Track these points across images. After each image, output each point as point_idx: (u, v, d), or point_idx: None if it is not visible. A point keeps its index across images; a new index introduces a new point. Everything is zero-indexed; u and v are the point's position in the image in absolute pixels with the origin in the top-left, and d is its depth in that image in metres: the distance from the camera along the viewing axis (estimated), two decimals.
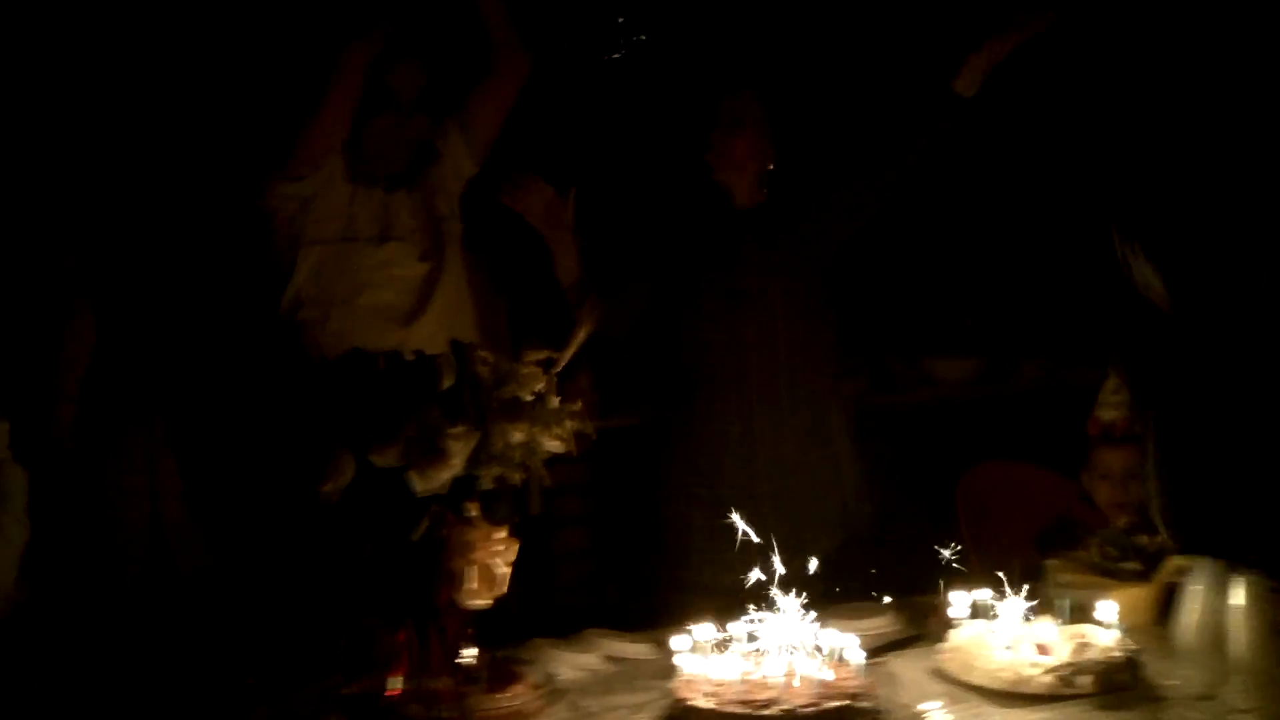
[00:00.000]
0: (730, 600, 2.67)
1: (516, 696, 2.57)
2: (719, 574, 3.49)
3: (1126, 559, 3.12)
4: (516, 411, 2.39)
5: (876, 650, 2.86)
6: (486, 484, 2.38)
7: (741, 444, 3.67)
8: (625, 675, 2.81)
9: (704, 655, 2.57)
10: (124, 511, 2.91)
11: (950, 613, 2.86)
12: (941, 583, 3.03)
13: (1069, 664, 2.65)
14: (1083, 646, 2.70)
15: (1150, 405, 2.50)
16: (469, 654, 2.42)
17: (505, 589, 2.44)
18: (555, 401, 2.48)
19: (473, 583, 2.38)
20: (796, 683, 2.47)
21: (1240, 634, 2.82)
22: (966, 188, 5.26)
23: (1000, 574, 2.95)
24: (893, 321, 5.13)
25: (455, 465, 2.32)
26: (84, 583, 2.73)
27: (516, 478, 2.40)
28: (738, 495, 3.61)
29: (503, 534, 2.41)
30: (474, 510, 2.36)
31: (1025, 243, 5.32)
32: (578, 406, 2.51)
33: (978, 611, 2.86)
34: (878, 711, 2.50)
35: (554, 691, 2.68)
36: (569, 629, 2.99)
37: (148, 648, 2.67)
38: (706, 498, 3.64)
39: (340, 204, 3.51)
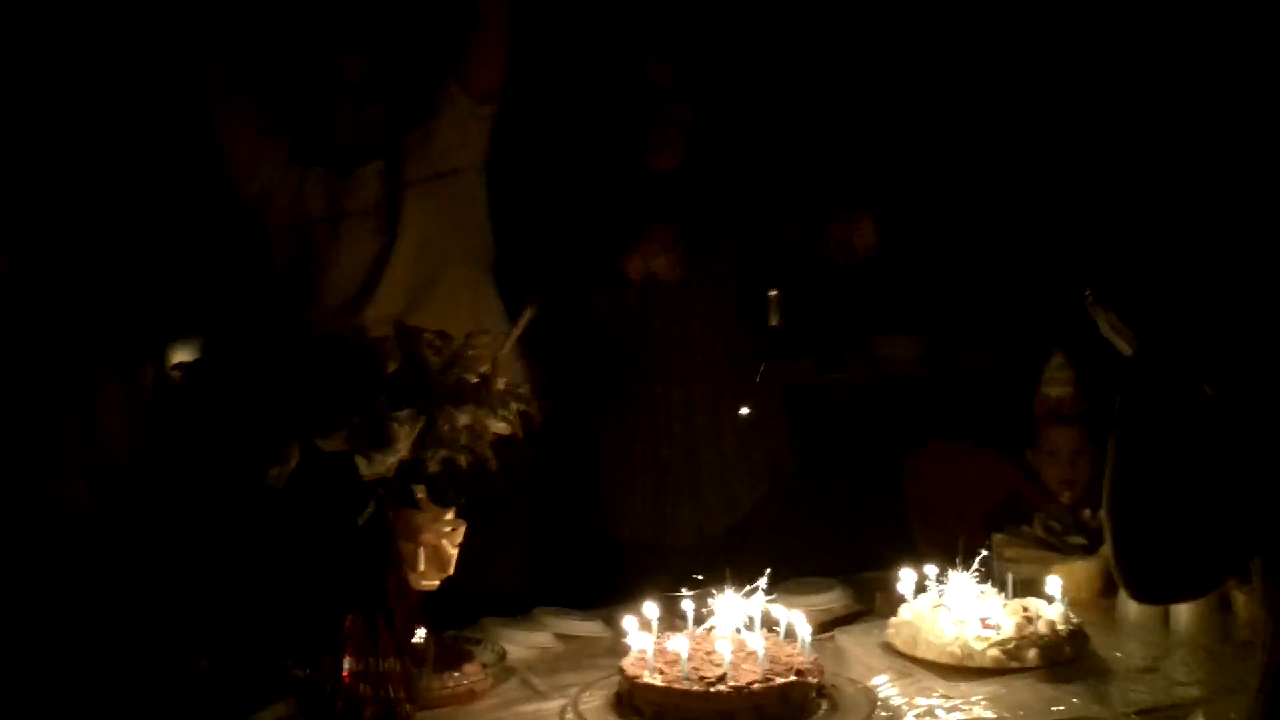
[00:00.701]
0: (673, 561, 2.69)
1: (466, 676, 2.59)
2: (659, 534, 3.57)
3: (1071, 534, 3.15)
4: (462, 395, 2.39)
5: (824, 626, 2.88)
6: (433, 467, 2.38)
7: (680, 409, 3.68)
8: (575, 653, 2.82)
9: (653, 632, 2.58)
10: (59, 478, 2.87)
11: (897, 588, 2.88)
12: (888, 559, 3.06)
13: (1014, 638, 2.68)
14: (1028, 620, 2.73)
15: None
16: (417, 635, 2.41)
17: (452, 570, 2.44)
18: (500, 384, 2.48)
19: (421, 565, 2.38)
20: (745, 659, 2.48)
21: (1183, 608, 2.85)
22: (916, 173, 5.29)
23: (947, 550, 2.99)
24: (839, 301, 5.14)
25: (401, 449, 2.31)
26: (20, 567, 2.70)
27: (462, 460, 2.40)
28: (681, 489, 3.66)
29: (449, 515, 2.41)
30: (421, 493, 2.35)
31: (974, 225, 5.35)
32: (523, 388, 2.51)
33: (924, 587, 2.89)
34: (825, 686, 2.52)
35: (503, 670, 2.69)
36: (519, 609, 3.00)
37: (94, 630, 2.65)
38: (645, 461, 3.67)
39: (291, 192, 3.49)
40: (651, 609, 2.63)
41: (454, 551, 2.42)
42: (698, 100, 3.66)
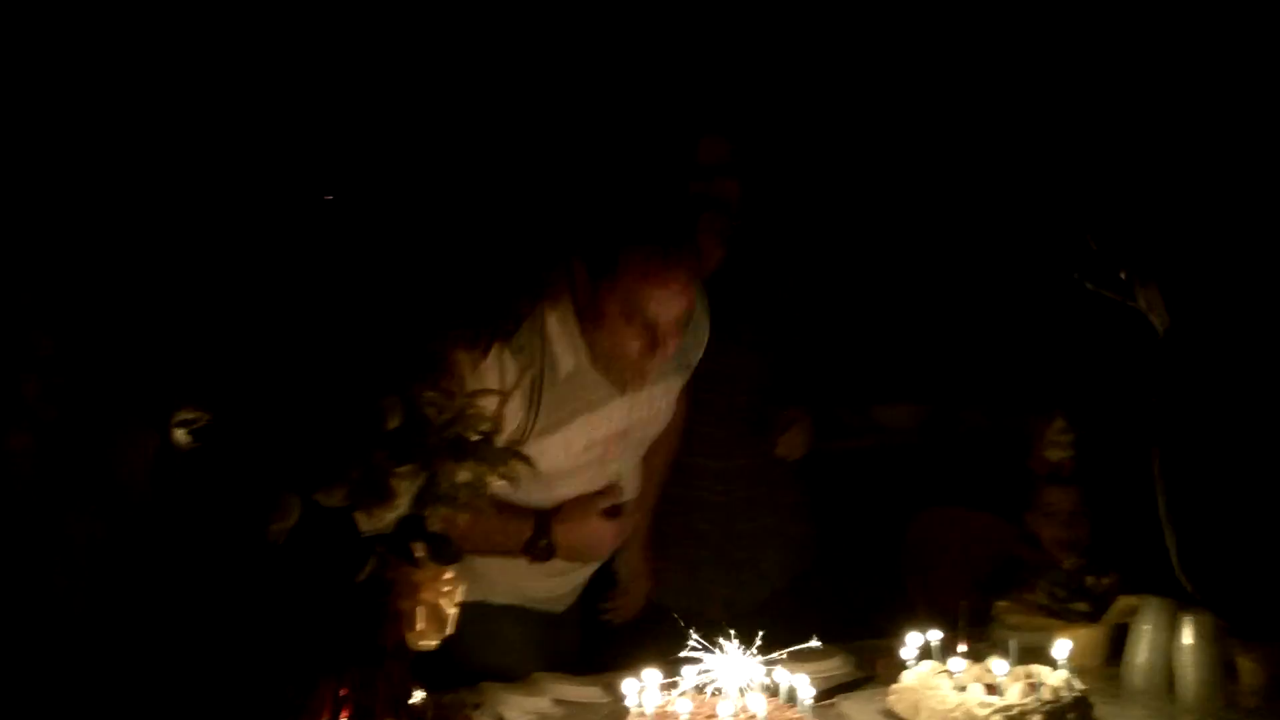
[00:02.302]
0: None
1: None
2: (689, 604, 3.47)
3: (1074, 600, 3.13)
4: (462, 451, 2.37)
5: (827, 692, 2.84)
6: (433, 524, 2.35)
7: (719, 511, 3.65)
8: (571, 713, 2.78)
9: (654, 697, 2.54)
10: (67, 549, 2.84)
11: (900, 654, 2.85)
12: (891, 625, 3.03)
13: (1018, 704, 2.64)
14: (1031, 686, 2.69)
15: (1152, 443, 2.45)
16: (415, 696, 2.38)
17: (451, 629, 2.40)
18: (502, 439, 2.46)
19: (420, 623, 2.34)
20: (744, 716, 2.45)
21: (1189, 673, 2.83)
22: (912, 238, 5.30)
23: (949, 616, 2.96)
24: (840, 370, 5.14)
25: (401, 505, 2.29)
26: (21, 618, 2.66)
27: (463, 518, 2.38)
28: (715, 563, 3.63)
29: (449, 574, 2.38)
30: (420, 551, 2.33)
31: (969, 290, 5.36)
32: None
33: (927, 653, 2.86)
34: None
35: None
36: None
37: (92, 693, 2.61)
38: (679, 531, 3.63)
39: None
40: (653, 674, 2.59)
41: (453, 610, 2.38)
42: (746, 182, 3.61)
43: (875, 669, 2.99)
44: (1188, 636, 2.83)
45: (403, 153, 3.50)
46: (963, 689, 2.69)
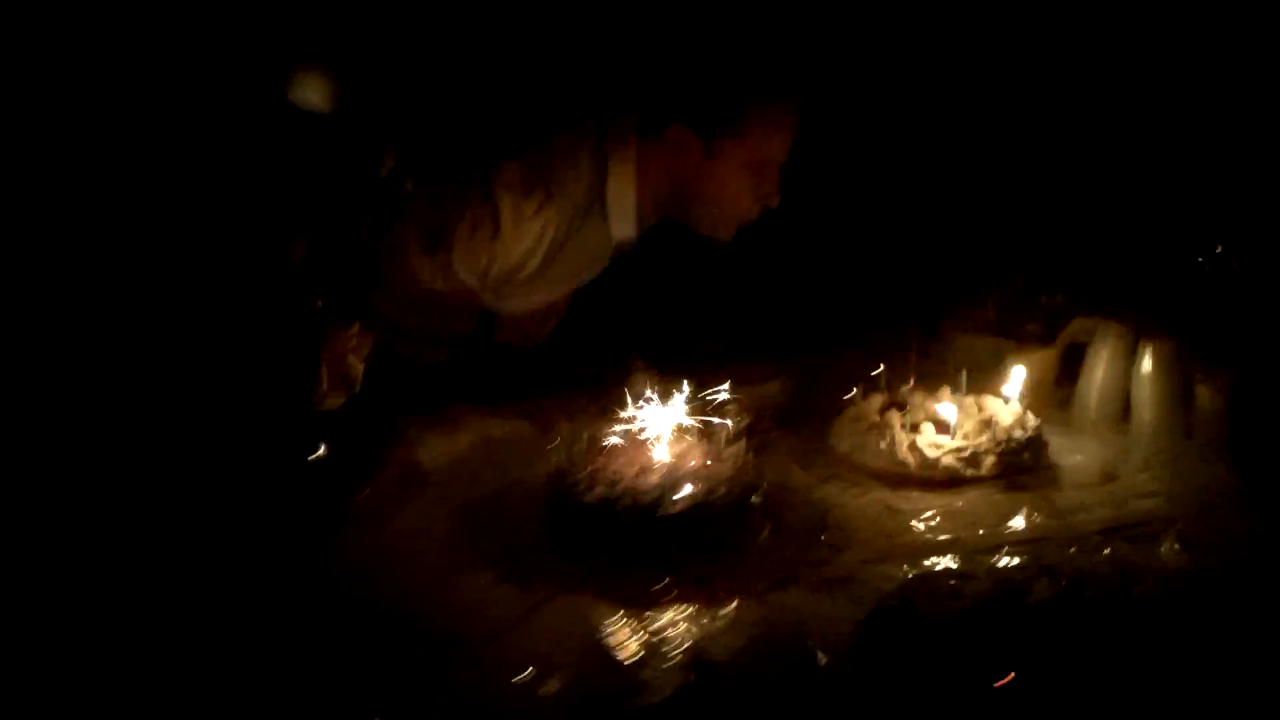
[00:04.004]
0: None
1: (380, 485, 2.38)
2: None
3: (1026, 318, 2.95)
4: None
5: (762, 425, 2.66)
6: None
7: None
8: (495, 454, 2.59)
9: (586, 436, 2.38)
10: None
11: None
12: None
13: (971, 445, 2.49)
14: (983, 425, 2.54)
15: None
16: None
17: (358, 388, 2.20)
18: None
19: (323, 384, 2.14)
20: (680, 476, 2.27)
21: (1146, 403, 2.67)
22: None
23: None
24: None
25: None
26: None
27: None
28: None
29: (354, 329, 2.16)
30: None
31: None
32: None
33: (873, 385, 2.68)
34: (768, 506, 2.34)
35: (419, 475, 2.48)
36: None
37: None
38: None
39: None
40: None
41: (360, 367, 2.18)
42: None
43: (815, 398, 2.81)
44: (1148, 364, 2.67)
45: None
46: (915, 428, 2.53)
